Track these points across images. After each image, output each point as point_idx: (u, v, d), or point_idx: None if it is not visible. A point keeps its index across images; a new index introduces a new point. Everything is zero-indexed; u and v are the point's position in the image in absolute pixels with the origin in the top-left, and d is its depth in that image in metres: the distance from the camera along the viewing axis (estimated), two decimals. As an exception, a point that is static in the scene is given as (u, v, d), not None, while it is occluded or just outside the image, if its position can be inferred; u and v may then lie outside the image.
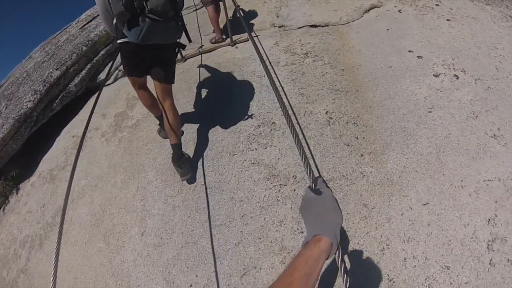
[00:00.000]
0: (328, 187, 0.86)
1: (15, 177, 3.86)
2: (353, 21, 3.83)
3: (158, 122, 2.89)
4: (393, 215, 1.83)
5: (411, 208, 1.84)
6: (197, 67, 3.72)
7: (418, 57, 2.99)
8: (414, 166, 2.08)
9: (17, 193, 3.62)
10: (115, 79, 4.48)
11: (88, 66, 4.72)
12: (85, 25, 6.77)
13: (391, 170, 2.05)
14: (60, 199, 3.11)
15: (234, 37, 4.00)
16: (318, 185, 0.87)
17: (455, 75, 2.74)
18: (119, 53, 2.31)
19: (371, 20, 3.75)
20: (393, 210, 1.85)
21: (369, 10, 3.99)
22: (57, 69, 4.39)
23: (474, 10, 3.67)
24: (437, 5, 3.76)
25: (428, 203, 1.87)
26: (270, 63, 3.26)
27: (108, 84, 4.33)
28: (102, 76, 4.77)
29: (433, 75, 2.77)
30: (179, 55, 3.93)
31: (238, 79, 3.24)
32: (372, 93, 2.68)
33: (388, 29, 3.47)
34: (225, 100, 3.03)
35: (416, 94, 2.60)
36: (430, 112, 2.44)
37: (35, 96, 4.09)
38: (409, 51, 3.08)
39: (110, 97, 3.99)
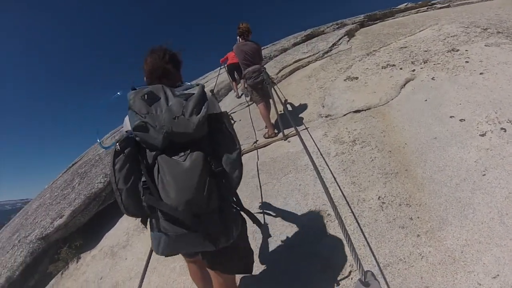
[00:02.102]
0: (377, 280, 1.06)
1: (79, 246, 4.57)
2: (392, 99, 4.21)
3: None
4: (459, 294, 1.88)
5: (480, 284, 1.88)
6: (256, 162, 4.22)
7: (461, 120, 3.16)
8: (477, 237, 2.13)
9: (77, 262, 4.23)
10: None
11: None
12: None
13: (452, 246, 2.14)
14: (118, 275, 3.54)
15: (286, 131, 4.55)
16: (367, 278, 1.04)
17: (502, 128, 2.84)
18: None
19: (408, 95, 4.09)
20: (459, 289, 1.90)
21: (404, 85, 4.37)
22: None
23: (503, 55, 3.82)
24: (467, 62, 4.00)
25: (498, 275, 1.89)
26: (322, 154, 3.64)
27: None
28: None
29: (479, 135, 2.90)
30: None
31: (293, 173, 3.63)
32: (421, 169, 2.87)
33: (426, 100, 3.75)
34: (283, 194, 3.37)
35: (466, 160, 2.73)
36: (484, 175, 2.53)
37: (105, 178, 5.16)
38: (451, 116, 3.28)
39: None
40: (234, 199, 1.65)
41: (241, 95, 7.86)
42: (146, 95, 1.40)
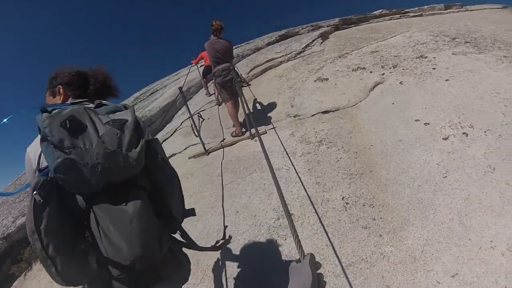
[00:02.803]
0: (310, 253, 1.04)
1: None
2: (360, 101, 4.29)
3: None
4: (418, 293, 1.90)
5: (439, 283, 1.91)
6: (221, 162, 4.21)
7: (425, 124, 3.26)
8: (437, 237, 2.18)
9: None
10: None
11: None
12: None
13: (412, 246, 2.17)
14: None
15: (253, 130, 4.53)
16: (304, 259, 1.03)
17: (464, 133, 2.94)
18: None
19: (376, 98, 4.18)
20: (418, 288, 1.93)
21: (373, 87, 4.47)
22: None
23: (469, 63, 3.99)
24: (434, 68, 4.15)
25: (457, 273, 1.93)
26: (288, 154, 3.65)
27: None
28: None
29: (442, 138, 2.99)
30: (202, 148, 4.58)
31: (258, 172, 3.61)
32: (386, 171, 2.92)
33: (393, 103, 3.84)
34: (247, 193, 3.33)
35: (429, 162, 2.80)
36: (445, 177, 2.60)
37: None
38: (416, 120, 3.37)
39: None
40: (179, 232, 1.48)
41: (212, 94, 7.49)
42: (67, 122, 1.04)
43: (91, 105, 1.31)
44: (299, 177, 3.18)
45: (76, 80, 1.45)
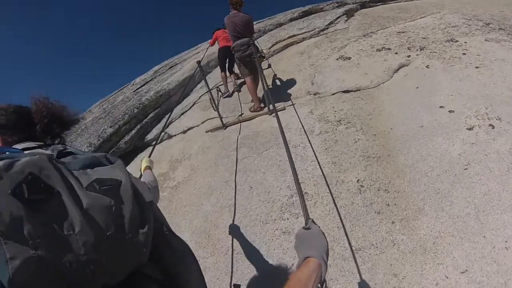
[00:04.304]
0: (316, 224, 1.04)
1: None
2: (383, 83, 4.10)
3: (198, 186, 3.03)
4: (426, 285, 1.84)
5: (447, 277, 1.85)
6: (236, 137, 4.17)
7: (450, 111, 3.09)
8: (450, 230, 2.10)
9: None
10: (161, 141, 5.18)
11: (138, 126, 5.72)
12: (138, 88, 8.16)
13: (424, 237, 2.10)
14: None
15: (271, 106, 4.42)
16: (309, 224, 1.03)
17: (490, 125, 2.78)
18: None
19: (400, 80, 3.98)
20: (426, 280, 1.86)
21: (398, 69, 4.25)
22: (111, 127, 5.45)
23: (502, 51, 3.74)
24: (464, 54, 3.90)
25: (467, 270, 1.86)
26: (305, 132, 3.56)
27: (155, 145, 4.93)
28: (149, 136, 5.59)
29: (467, 128, 2.83)
30: (219, 122, 4.48)
31: (274, 148, 3.55)
32: (404, 156, 2.80)
33: (417, 87, 3.65)
34: (262, 169, 3.31)
35: (450, 152, 2.67)
36: (466, 169, 2.47)
37: (89, 148, 5.08)
38: (440, 106, 3.20)
39: (154, 157, 4.54)
40: None
41: (226, 94, 5.97)
42: (24, 187, 0.53)
43: (49, 153, 0.85)
44: (315, 155, 3.09)
45: (17, 120, 1.04)
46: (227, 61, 6.10)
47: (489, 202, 2.18)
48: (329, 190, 2.68)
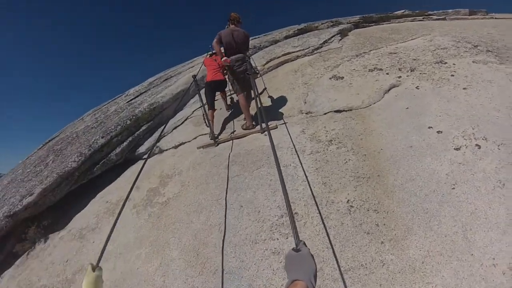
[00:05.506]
0: (306, 246, 1.08)
1: (47, 226, 4.48)
2: (374, 103, 4.25)
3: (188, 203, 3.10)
4: (414, 305, 1.91)
5: (436, 296, 1.92)
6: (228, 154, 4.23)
7: (438, 132, 3.22)
8: (439, 249, 2.18)
9: (45, 242, 4.19)
10: (152, 154, 5.24)
11: (130, 138, 5.75)
12: (132, 99, 8.23)
13: (413, 256, 2.17)
14: (84, 258, 3.54)
15: (264, 124, 4.47)
16: (300, 246, 1.08)
17: (476, 145, 2.90)
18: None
19: (391, 100, 4.13)
20: (414, 300, 1.93)
21: (389, 90, 4.42)
22: (103, 137, 5.45)
23: (489, 73, 3.92)
24: (452, 75, 4.08)
25: (455, 288, 1.93)
26: (296, 151, 3.62)
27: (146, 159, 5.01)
28: (141, 149, 5.63)
29: (454, 148, 2.96)
30: (211, 139, 4.57)
31: (265, 167, 3.62)
32: (393, 177, 2.90)
33: (407, 108, 3.79)
34: (253, 188, 3.36)
35: (438, 172, 2.78)
36: (453, 188, 2.58)
37: (80, 157, 5.02)
38: (429, 127, 3.33)
39: (145, 171, 4.55)
40: None
41: (218, 135, 5.03)
42: None
43: None
44: (306, 175, 3.17)
45: None
46: (215, 95, 5.41)
47: (476, 220, 2.27)
48: (319, 210, 2.74)
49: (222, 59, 4.60)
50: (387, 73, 4.94)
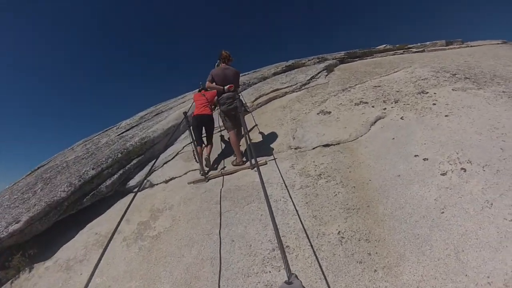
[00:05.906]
0: (298, 278, 1.12)
1: (32, 255, 4.32)
2: (361, 135, 4.38)
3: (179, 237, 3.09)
4: (410, 332, 1.90)
5: (432, 322, 1.91)
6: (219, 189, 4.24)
7: (424, 159, 3.32)
8: (433, 272, 2.19)
9: (29, 271, 4.02)
10: (143, 188, 5.19)
11: (120, 171, 5.72)
12: (123, 132, 8.25)
13: (408, 282, 2.18)
14: None
15: (254, 161, 4.49)
16: (291, 279, 1.12)
17: (462, 169, 2.99)
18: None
19: (377, 132, 4.27)
20: (410, 327, 1.92)
21: (375, 122, 4.57)
22: (93, 169, 5.40)
23: (468, 99, 4.11)
24: (434, 104, 4.26)
25: (451, 312, 1.93)
26: (286, 186, 3.71)
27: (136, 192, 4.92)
28: (131, 183, 5.58)
29: (441, 174, 3.04)
30: (201, 175, 4.59)
31: (256, 203, 3.65)
32: (383, 206, 2.95)
33: (393, 138, 3.92)
34: (244, 223, 3.37)
35: (426, 198, 2.84)
36: (442, 213, 2.63)
37: (70, 188, 4.94)
38: (415, 155, 3.44)
39: (136, 204, 4.51)
40: None
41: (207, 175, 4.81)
42: None
43: None
44: (296, 209, 3.22)
45: None
46: (203, 130, 5.43)
47: (467, 241, 2.31)
48: (310, 243, 2.77)
49: (225, 87, 4.77)
50: (373, 106, 5.13)
